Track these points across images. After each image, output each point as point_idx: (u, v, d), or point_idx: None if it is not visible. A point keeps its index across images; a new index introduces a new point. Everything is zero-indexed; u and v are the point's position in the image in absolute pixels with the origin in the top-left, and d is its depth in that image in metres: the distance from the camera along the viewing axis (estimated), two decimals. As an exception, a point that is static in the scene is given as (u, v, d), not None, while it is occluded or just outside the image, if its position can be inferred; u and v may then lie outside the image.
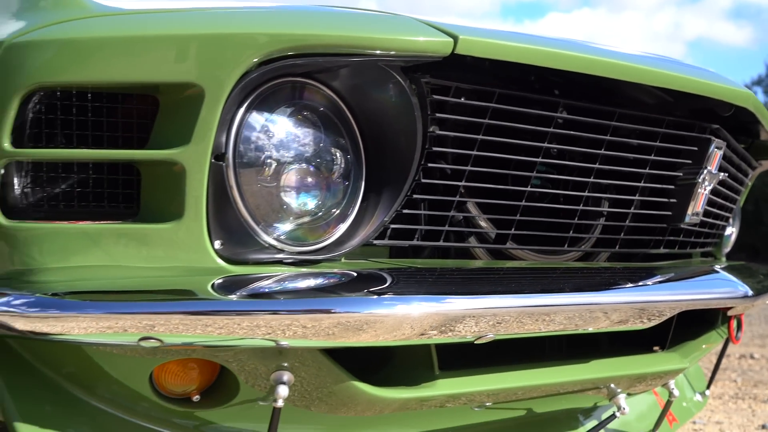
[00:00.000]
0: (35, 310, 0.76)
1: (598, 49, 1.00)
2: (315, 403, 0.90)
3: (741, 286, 1.18)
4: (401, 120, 0.85)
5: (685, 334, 1.34)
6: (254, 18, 0.80)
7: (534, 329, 0.89)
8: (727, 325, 1.47)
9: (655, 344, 1.23)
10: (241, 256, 0.81)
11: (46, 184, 0.80)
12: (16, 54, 0.75)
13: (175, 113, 0.77)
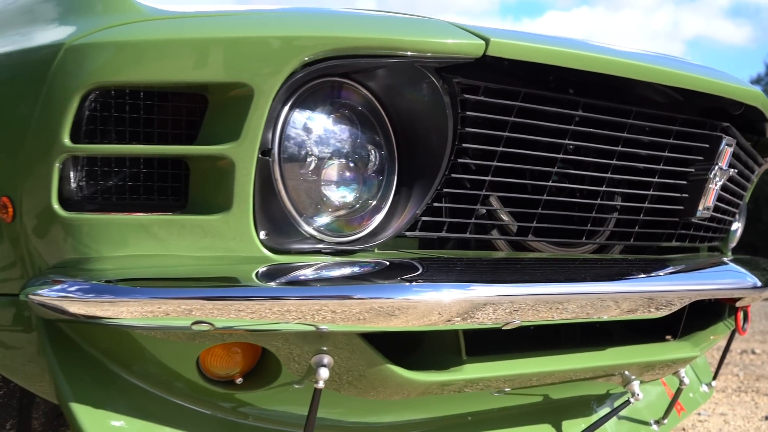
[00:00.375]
0: (91, 295, 0.81)
1: (619, 51, 1.05)
2: (345, 387, 0.95)
3: (750, 277, 1.23)
4: (433, 118, 0.90)
5: (694, 325, 1.39)
6: (302, 21, 0.85)
7: (559, 316, 0.94)
8: (734, 316, 1.52)
9: (667, 334, 1.28)
10: (283, 246, 0.86)
11: (99, 177, 0.85)
12: (75, 56, 0.80)
13: (225, 111, 0.81)
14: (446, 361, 0.97)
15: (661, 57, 1.17)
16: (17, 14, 0.98)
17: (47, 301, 0.83)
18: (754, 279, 1.22)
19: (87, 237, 0.84)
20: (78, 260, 0.85)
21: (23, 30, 0.91)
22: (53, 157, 0.81)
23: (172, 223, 0.84)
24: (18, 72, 0.86)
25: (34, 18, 0.93)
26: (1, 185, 0.87)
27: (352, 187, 0.89)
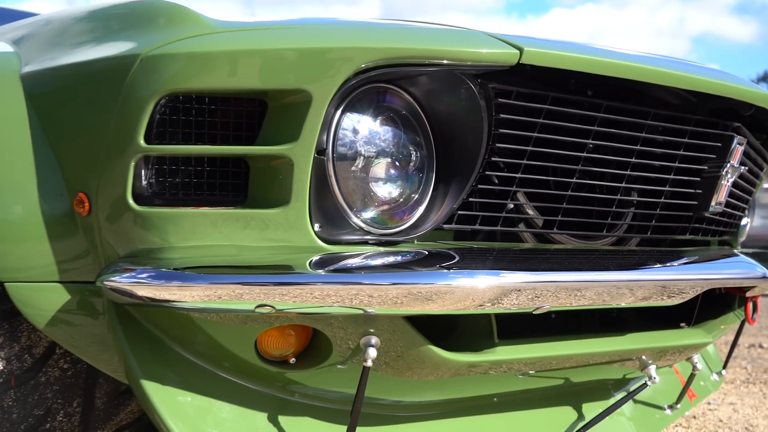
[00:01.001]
0: (160, 281, 0.90)
1: (638, 56, 1.14)
2: (382, 367, 1.03)
3: (759, 268, 1.31)
4: (470, 120, 0.98)
5: (706, 315, 1.47)
6: (355, 32, 0.93)
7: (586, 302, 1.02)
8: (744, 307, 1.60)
9: (681, 322, 1.36)
10: (334, 237, 0.94)
11: (168, 175, 0.94)
12: (150, 65, 0.88)
13: (283, 115, 0.90)
14: (480, 344, 1.05)
15: (676, 61, 1.25)
16: (88, 25, 1.06)
17: (119, 287, 0.92)
18: (764, 269, 1.30)
19: (156, 229, 0.93)
20: (147, 250, 0.94)
21: (97, 41, 1.00)
22: (129, 157, 0.90)
23: (233, 217, 0.92)
24: (96, 79, 0.94)
25: (106, 30, 1.01)
26: (78, 182, 0.96)
27: (395, 183, 0.98)
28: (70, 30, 1.08)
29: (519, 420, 1.26)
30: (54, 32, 1.10)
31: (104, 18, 1.05)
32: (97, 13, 1.08)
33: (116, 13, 1.04)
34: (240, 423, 1.00)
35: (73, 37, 1.06)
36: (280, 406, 1.04)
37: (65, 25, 1.11)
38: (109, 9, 1.06)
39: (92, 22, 1.07)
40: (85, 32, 1.06)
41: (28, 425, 1.07)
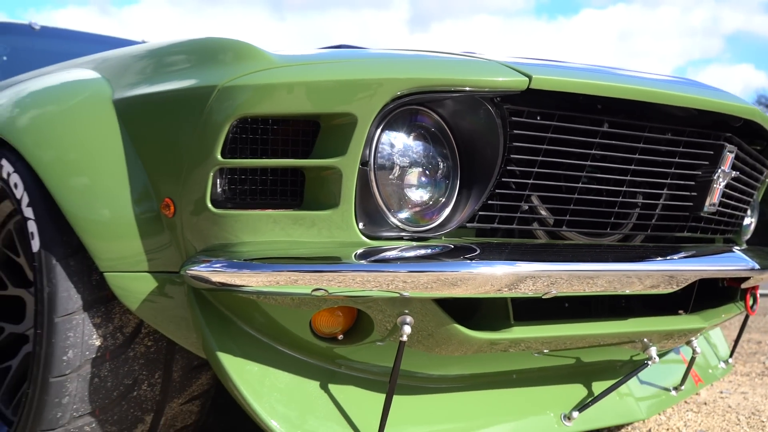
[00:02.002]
0: (232, 270, 1.10)
1: (636, 78, 1.31)
2: (415, 344, 1.22)
3: (749, 261, 1.47)
4: (488, 136, 1.17)
5: (708, 304, 1.64)
6: (393, 65, 1.12)
7: (586, 290, 1.20)
8: (743, 298, 1.76)
9: (680, 308, 1.53)
10: (375, 233, 1.14)
11: (238, 183, 1.14)
12: (226, 94, 1.09)
13: (333, 133, 1.09)
14: (498, 324, 1.23)
15: (671, 81, 1.43)
16: (170, 59, 1.27)
17: (198, 275, 1.12)
18: (753, 263, 1.47)
19: (228, 227, 1.13)
20: (221, 245, 1.14)
21: (179, 73, 1.21)
22: (208, 169, 1.10)
23: (292, 217, 1.12)
24: (180, 105, 1.15)
25: (186, 64, 1.22)
26: (165, 189, 1.17)
27: (426, 188, 1.17)
28: (155, 63, 1.29)
29: (535, 394, 1.44)
30: (140, 65, 1.31)
31: (183, 53, 1.26)
32: (177, 49, 1.29)
33: (194, 49, 1.24)
34: (296, 389, 1.20)
35: (158, 69, 1.27)
36: (329, 376, 1.24)
37: (150, 59, 1.32)
38: (187, 45, 1.27)
39: (173, 57, 1.28)
40: (167, 65, 1.26)
41: (119, 393, 1.28)
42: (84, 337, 1.22)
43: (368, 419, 1.22)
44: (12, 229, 1.56)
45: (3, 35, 2.73)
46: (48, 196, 1.25)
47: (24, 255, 1.53)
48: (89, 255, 1.22)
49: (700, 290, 1.64)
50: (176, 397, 1.35)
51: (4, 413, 1.55)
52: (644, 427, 1.94)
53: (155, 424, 1.34)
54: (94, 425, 1.27)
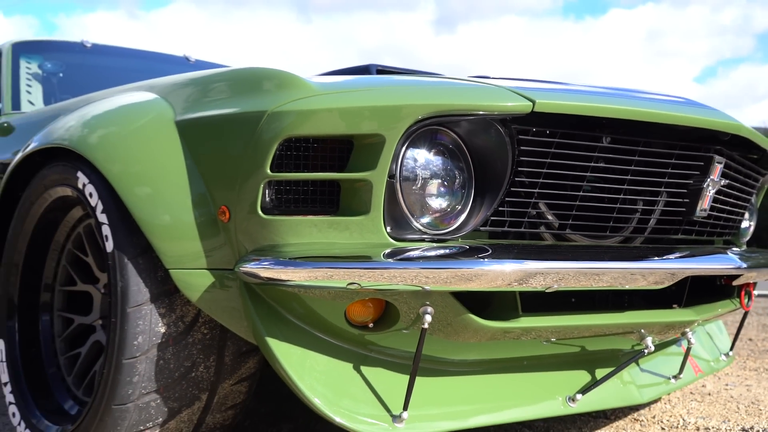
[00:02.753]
0: (279, 267, 1.30)
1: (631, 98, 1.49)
2: (436, 332, 1.40)
3: (737, 261, 1.64)
4: (498, 152, 1.35)
5: (705, 300, 1.81)
6: (416, 92, 1.31)
7: (585, 285, 1.38)
8: (739, 296, 1.93)
9: (675, 303, 1.70)
10: (401, 236, 1.32)
11: (284, 193, 1.33)
12: (274, 118, 1.28)
13: (365, 150, 1.28)
14: (507, 315, 1.42)
15: (663, 100, 1.59)
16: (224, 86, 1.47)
17: (250, 271, 1.32)
18: (740, 263, 1.63)
19: (275, 231, 1.32)
20: (269, 245, 1.34)
21: (232, 99, 1.40)
22: (259, 181, 1.30)
23: (329, 222, 1.31)
24: (235, 127, 1.34)
25: (239, 90, 1.41)
26: (221, 198, 1.37)
27: (444, 197, 1.35)
28: (210, 89, 1.49)
29: (543, 379, 1.61)
30: (197, 90, 1.51)
31: (235, 81, 1.46)
32: (229, 77, 1.49)
33: (244, 78, 1.44)
34: (333, 370, 1.39)
35: (213, 95, 1.46)
36: (361, 359, 1.43)
37: (205, 86, 1.52)
38: (238, 74, 1.47)
39: (226, 84, 1.47)
40: (221, 91, 1.46)
41: (180, 373, 1.48)
42: (151, 324, 1.43)
43: (394, 397, 1.41)
44: (81, 232, 1.77)
45: (58, 53, 2.96)
46: (119, 204, 1.46)
47: (92, 255, 1.74)
48: (156, 254, 1.42)
49: (699, 287, 1.81)
50: (227, 379, 1.55)
51: (75, 394, 1.76)
52: (649, 414, 2.11)
53: (209, 402, 1.54)
54: (159, 401, 1.47)
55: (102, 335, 1.74)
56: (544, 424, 1.99)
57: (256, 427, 1.99)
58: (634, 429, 1.95)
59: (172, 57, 3.33)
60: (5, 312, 1.83)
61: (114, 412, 1.44)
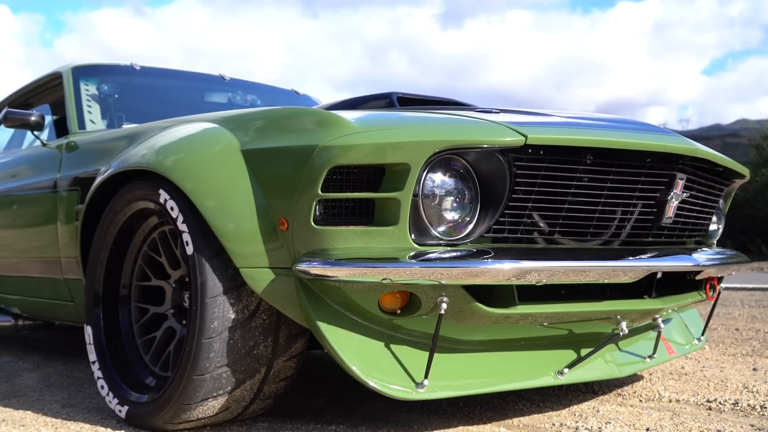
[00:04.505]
0: (326, 266, 1.66)
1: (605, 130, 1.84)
2: (450, 317, 1.77)
3: (696, 260, 2.00)
4: (499, 174, 1.71)
5: (674, 291, 2.16)
6: (433, 130, 1.67)
7: (571, 280, 1.74)
8: (704, 288, 2.28)
9: (645, 294, 2.06)
10: (422, 242, 1.69)
11: (331, 208, 1.70)
12: (324, 151, 1.65)
13: (394, 175, 1.65)
14: (507, 303, 1.78)
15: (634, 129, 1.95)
16: (283, 123, 1.84)
17: (303, 269, 1.68)
18: (698, 261, 1.99)
19: (323, 238, 1.69)
20: (319, 249, 1.70)
21: (290, 133, 1.77)
22: (312, 199, 1.66)
23: (366, 231, 1.68)
24: (294, 156, 1.71)
25: (294, 127, 1.78)
26: (281, 211, 1.73)
27: (456, 211, 1.72)
28: (270, 125, 1.86)
29: (537, 356, 1.97)
30: (259, 124, 1.88)
31: (290, 118, 1.83)
32: (284, 114, 1.86)
33: (298, 116, 1.81)
34: (367, 346, 1.76)
35: (273, 129, 1.83)
36: (390, 338, 1.80)
37: (265, 121, 1.89)
38: (292, 112, 1.84)
39: (282, 120, 1.84)
40: (279, 127, 1.83)
41: (245, 351, 1.85)
42: (224, 312, 1.80)
43: (416, 369, 1.78)
44: (156, 238, 2.15)
45: (112, 75, 3.34)
46: (197, 216, 1.83)
47: (165, 256, 2.12)
48: (227, 256, 1.79)
49: (673, 281, 2.17)
50: (281, 356, 1.92)
51: (153, 369, 2.14)
52: (631, 390, 2.47)
53: (267, 375, 1.92)
54: (228, 373, 1.84)
55: (173, 322, 2.11)
56: (540, 397, 2.35)
57: (296, 399, 2.37)
58: (615, 401, 2.31)
59: (209, 76, 3.71)
60: (92, 302, 2.21)
61: (194, 381, 1.82)
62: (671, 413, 2.12)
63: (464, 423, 2.03)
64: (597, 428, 1.94)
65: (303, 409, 2.23)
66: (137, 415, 1.99)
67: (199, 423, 1.93)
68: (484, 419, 2.07)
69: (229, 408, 1.91)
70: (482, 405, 2.25)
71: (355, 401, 2.34)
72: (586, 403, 2.28)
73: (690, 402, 2.28)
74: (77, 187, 2.58)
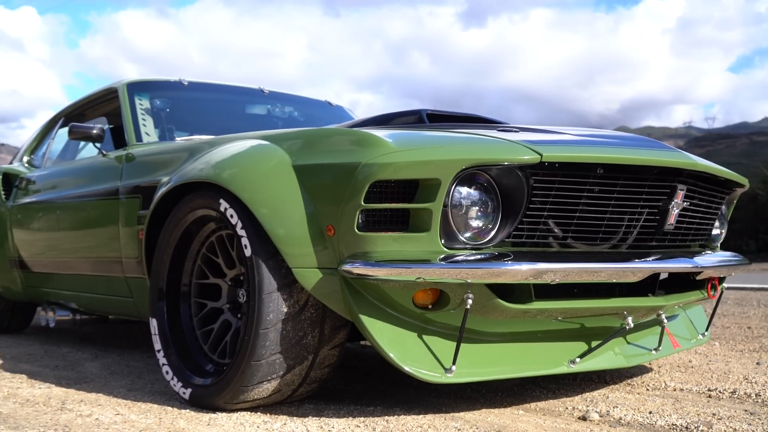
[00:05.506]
0: (367, 266, 1.93)
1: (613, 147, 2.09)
2: (474, 312, 2.03)
3: (695, 262, 2.23)
4: (518, 186, 1.96)
5: (677, 290, 2.41)
6: (462, 150, 1.93)
7: (582, 279, 1.99)
8: (705, 287, 2.52)
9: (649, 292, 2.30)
10: (451, 246, 1.95)
11: (373, 217, 1.96)
12: (366, 167, 1.91)
13: (426, 188, 1.91)
14: (525, 300, 2.03)
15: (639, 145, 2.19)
16: (329, 141, 2.11)
17: (347, 269, 1.95)
18: (696, 263, 2.23)
19: (365, 242, 1.96)
20: (361, 252, 1.97)
21: (336, 152, 2.04)
22: (356, 209, 1.93)
23: (402, 237, 1.94)
24: (340, 172, 1.98)
25: (339, 146, 2.05)
26: (328, 219, 2.00)
27: (480, 219, 1.98)
28: (318, 143, 2.13)
29: (552, 347, 2.22)
30: (309, 143, 2.15)
31: (335, 138, 2.10)
32: (330, 134, 2.13)
33: (344, 137, 2.08)
34: (403, 336, 2.02)
35: (321, 148, 2.10)
36: (422, 329, 2.06)
37: (315, 139, 2.16)
38: (338, 133, 2.11)
39: (329, 140, 2.11)
40: (326, 145, 2.10)
41: (296, 340, 2.12)
42: (278, 306, 2.07)
43: (445, 357, 2.04)
44: (213, 241, 2.43)
45: (162, 90, 3.63)
46: (254, 223, 2.10)
47: (222, 257, 2.40)
48: (281, 257, 2.07)
49: (680, 281, 2.41)
50: (326, 345, 2.19)
51: (211, 357, 2.42)
52: (640, 381, 2.71)
53: (313, 361, 2.19)
54: (281, 359, 2.12)
55: (229, 315, 2.39)
56: (555, 385, 2.60)
57: (334, 385, 2.64)
58: (624, 390, 2.55)
59: (249, 90, 4.00)
60: (156, 298, 2.50)
61: (252, 366, 2.09)
62: (674, 400, 2.36)
63: (487, 406, 2.28)
64: (605, 411, 2.18)
65: (343, 394, 2.50)
66: (200, 396, 2.27)
67: (254, 403, 2.21)
68: (504, 403, 2.33)
69: (280, 390, 2.18)
70: (503, 391, 2.51)
71: (389, 388, 2.60)
72: (598, 390, 2.52)
73: (692, 390, 2.52)
74: (138, 194, 2.87)
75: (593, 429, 2.00)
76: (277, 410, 2.24)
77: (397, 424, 2.04)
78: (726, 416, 2.11)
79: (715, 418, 2.08)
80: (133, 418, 2.14)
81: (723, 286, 2.63)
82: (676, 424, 2.02)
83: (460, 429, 1.98)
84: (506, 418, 2.12)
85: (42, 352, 3.63)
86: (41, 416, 2.17)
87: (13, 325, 4.53)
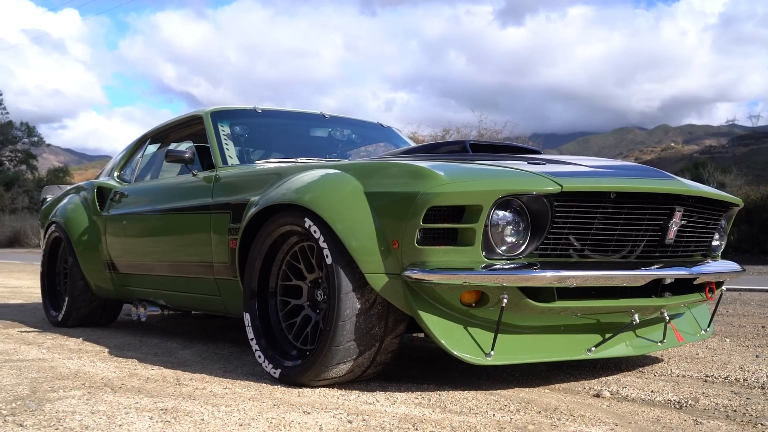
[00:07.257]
0: (424, 273, 2.47)
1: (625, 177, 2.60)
2: (509, 309, 2.55)
3: (690, 270, 2.73)
4: (543, 210, 2.49)
5: (679, 292, 2.91)
6: (499, 182, 2.46)
7: (596, 283, 2.51)
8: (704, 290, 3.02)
9: (653, 294, 2.80)
10: (490, 257, 2.48)
11: (429, 234, 2.50)
12: (425, 196, 2.45)
13: (471, 212, 2.44)
14: (549, 300, 2.55)
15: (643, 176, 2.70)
16: (391, 172, 2.66)
17: (408, 275, 2.50)
18: (691, 270, 2.73)
19: (423, 254, 2.50)
20: (419, 261, 2.51)
21: (398, 182, 2.59)
22: (416, 228, 2.47)
23: (451, 249, 2.48)
24: (402, 199, 2.52)
25: (401, 178, 2.60)
26: (393, 234, 2.54)
27: (514, 236, 2.50)
28: (385, 174, 2.68)
29: (572, 338, 2.74)
30: (376, 173, 2.70)
31: (398, 169, 2.65)
32: (395, 166, 2.68)
33: (405, 169, 2.63)
34: (450, 327, 2.55)
35: (387, 178, 2.65)
36: (467, 322, 2.59)
37: (381, 170, 2.71)
38: (401, 167, 2.66)
39: (393, 170, 2.66)
40: (392, 176, 2.65)
41: (366, 330, 2.67)
42: (353, 303, 2.63)
43: (485, 344, 2.57)
44: (296, 251, 3.00)
45: (240, 117, 4.22)
46: (334, 237, 2.66)
47: (303, 263, 2.96)
48: (355, 265, 2.62)
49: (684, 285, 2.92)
50: (389, 335, 2.74)
51: (295, 344, 2.99)
52: (650, 369, 3.20)
53: (380, 348, 2.73)
54: (355, 346, 2.67)
55: (309, 311, 2.96)
56: (577, 371, 3.12)
57: (392, 369, 3.19)
58: (634, 375, 3.05)
59: (312, 115, 4.57)
60: (249, 296, 3.07)
61: (332, 351, 2.65)
62: (674, 383, 2.86)
63: (519, 386, 2.81)
64: (616, 391, 2.69)
65: (401, 376, 3.04)
66: (288, 375, 2.84)
67: (332, 381, 2.77)
68: (533, 383, 2.85)
69: (353, 371, 2.74)
70: (532, 375, 3.03)
71: (439, 372, 3.14)
72: (612, 376, 3.03)
73: (692, 377, 3.01)
74: (229, 210, 3.45)
75: (603, 403, 2.52)
76: (350, 386, 2.79)
77: (447, 396, 2.58)
78: (713, 394, 2.60)
79: (703, 396, 2.58)
80: (238, 390, 2.72)
81: (722, 288, 3.11)
82: (670, 400, 2.53)
83: (497, 401, 2.51)
84: (534, 395, 2.65)
85: (138, 343, 4.24)
86: (166, 389, 2.75)
87: (103, 319, 5.17)
